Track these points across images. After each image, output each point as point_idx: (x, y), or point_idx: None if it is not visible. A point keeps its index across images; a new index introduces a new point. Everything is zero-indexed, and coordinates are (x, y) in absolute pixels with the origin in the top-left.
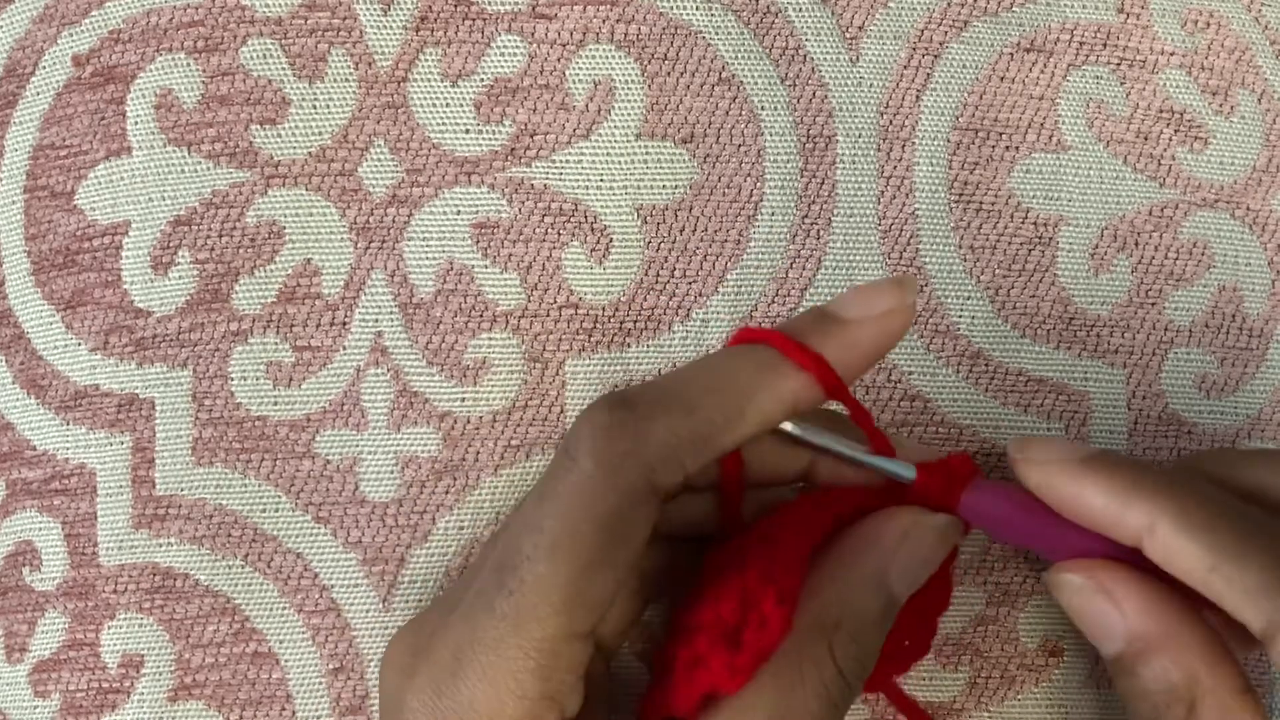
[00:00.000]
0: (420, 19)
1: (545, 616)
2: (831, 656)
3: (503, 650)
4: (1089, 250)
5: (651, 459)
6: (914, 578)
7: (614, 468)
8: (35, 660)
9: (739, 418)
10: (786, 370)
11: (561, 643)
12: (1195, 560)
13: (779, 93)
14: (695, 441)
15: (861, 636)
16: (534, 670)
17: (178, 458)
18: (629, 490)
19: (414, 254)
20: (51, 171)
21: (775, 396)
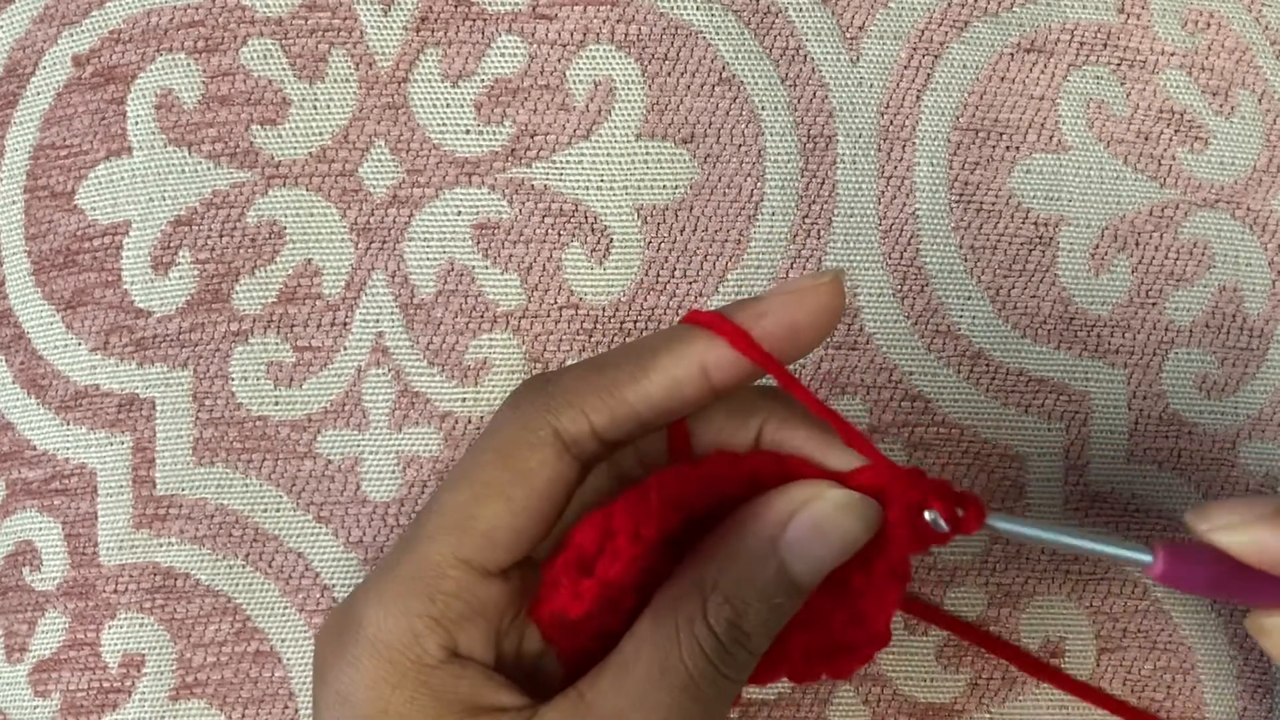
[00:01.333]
0: (421, 19)
1: (434, 535)
2: (704, 615)
3: (396, 569)
4: (1089, 250)
5: (554, 404)
6: (816, 558)
7: (520, 412)
8: (35, 660)
9: (642, 372)
10: (693, 331)
11: (450, 566)
12: None
13: (779, 93)
14: (598, 391)
15: (737, 601)
16: (421, 589)
17: (178, 457)
18: (529, 430)
19: (415, 254)
20: (52, 171)
21: (679, 354)
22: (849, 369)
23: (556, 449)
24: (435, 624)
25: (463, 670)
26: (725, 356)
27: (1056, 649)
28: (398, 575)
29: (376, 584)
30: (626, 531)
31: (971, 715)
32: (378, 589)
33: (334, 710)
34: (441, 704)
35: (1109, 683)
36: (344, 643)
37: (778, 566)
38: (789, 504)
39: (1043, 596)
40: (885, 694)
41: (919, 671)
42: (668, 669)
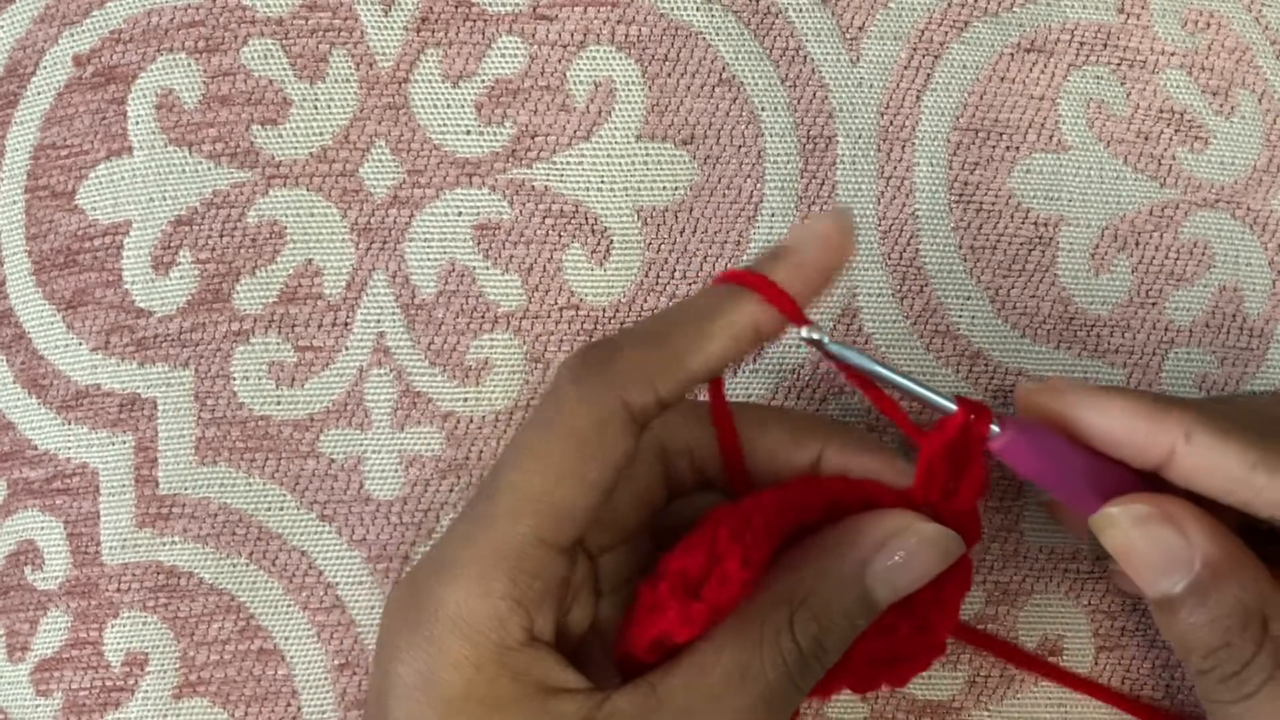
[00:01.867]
0: (421, 20)
1: (515, 517)
2: (790, 628)
3: (473, 548)
4: (1089, 250)
5: (622, 379)
6: (898, 585)
7: (588, 389)
8: (38, 659)
9: (704, 338)
10: (744, 295)
11: (530, 545)
12: (1236, 460)
13: (779, 94)
14: (664, 362)
15: (824, 619)
16: (501, 569)
17: (180, 457)
18: (601, 407)
19: (415, 255)
20: (52, 171)
21: (734, 320)
22: None
23: (627, 425)
24: (518, 606)
25: (537, 653)
26: (774, 316)
27: (1055, 647)
28: (478, 554)
29: (454, 562)
30: (735, 557)
31: (970, 713)
32: (456, 568)
33: (415, 692)
34: (519, 685)
35: (1107, 680)
36: (421, 620)
37: (863, 591)
38: (881, 532)
39: (1040, 595)
40: (884, 691)
41: None
42: (748, 674)
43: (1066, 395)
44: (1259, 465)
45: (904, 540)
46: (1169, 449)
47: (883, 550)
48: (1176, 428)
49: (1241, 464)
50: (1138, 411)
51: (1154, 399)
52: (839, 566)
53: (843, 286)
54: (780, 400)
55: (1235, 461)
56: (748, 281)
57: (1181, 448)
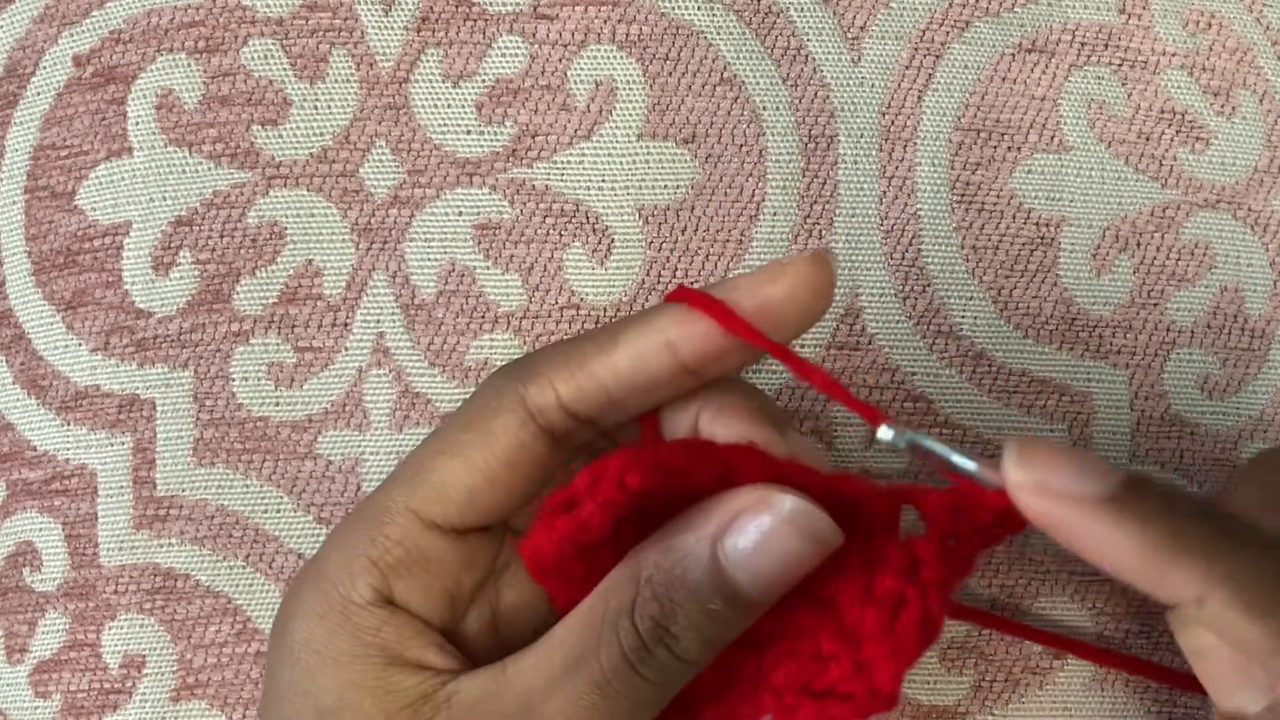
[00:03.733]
0: (421, 20)
1: (389, 485)
2: (630, 610)
3: (349, 516)
4: (1091, 251)
5: (523, 375)
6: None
7: (490, 382)
8: (36, 661)
9: (611, 345)
10: (664, 309)
11: (396, 512)
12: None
13: (781, 93)
14: (566, 364)
15: (666, 600)
16: (361, 527)
17: (179, 458)
18: (495, 396)
19: (415, 255)
20: (52, 172)
21: (645, 329)
22: (850, 370)
23: (520, 416)
24: (371, 565)
25: (390, 617)
26: (694, 332)
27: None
28: (349, 519)
29: (333, 529)
30: (612, 477)
31: (975, 717)
32: (331, 532)
33: (275, 639)
34: (359, 644)
35: (1112, 684)
36: (296, 581)
37: (714, 570)
38: (736, 504)
39: (1046, 598)
40: None
41: (922, 673)
42: (583, 659)
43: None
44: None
45: (758, 515)
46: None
47: (733, 526)
48: (1189, 589)
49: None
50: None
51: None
52: (683, 542)
53: (845, 287)
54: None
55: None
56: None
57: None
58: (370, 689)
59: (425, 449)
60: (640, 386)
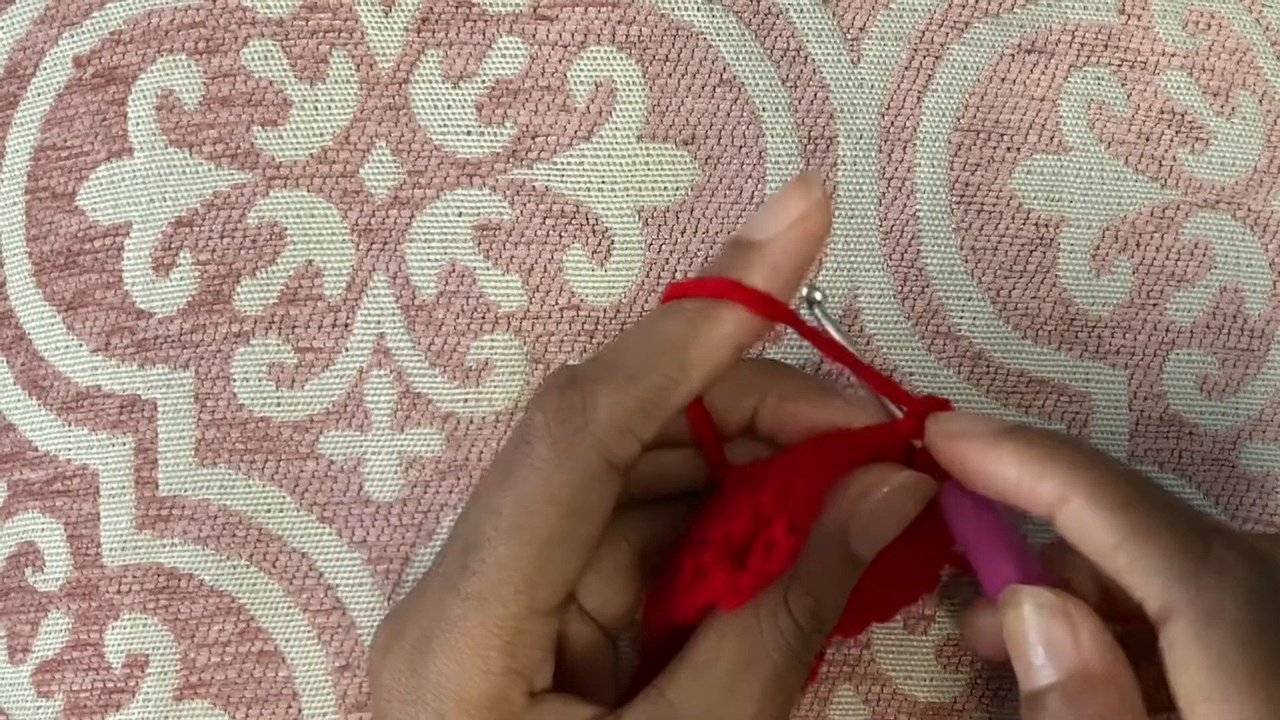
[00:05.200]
0: (421, 20)
1: (507, 596)
2: (786, 607)
3: (467, 629)
4: (1090, 251)
5: (603, 435)
6: (876, 536)
7: (566, 449)
8: (38, 661)
9: (683, 375)
10: (719, 314)
11: (525, 620)
12: (1103, 536)
13: (780, 94)
14: (644, 409)
15: (817, 589)
16: (498, 647)
17: (180, 458)
18: (583, 469)
19: (416, 256)
20: (53, 172)
21: (714, 344)
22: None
23: (611, 479)
24: (518, 676)
25: (541, 705)
26: (755, 328)
27: None
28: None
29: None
30: (782, 524)
31: (971, 715)
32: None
33: None
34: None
35: None
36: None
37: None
38: (857, 490)
39: None
40: (885, 693)
41: (919, 671)
42: (754, 662)
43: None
44: (1121, 547)
45: (877, 496)
46: (1049, 508)
47: (857, 508)
48: (1055, 488)
49: (1107, 542)
50: (1024, 463)
51: (1047, 448)
52: (822, 533)
53: (844, 287)
54: None
55: (1102, 539)
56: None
57: (1058, 511)
58: None
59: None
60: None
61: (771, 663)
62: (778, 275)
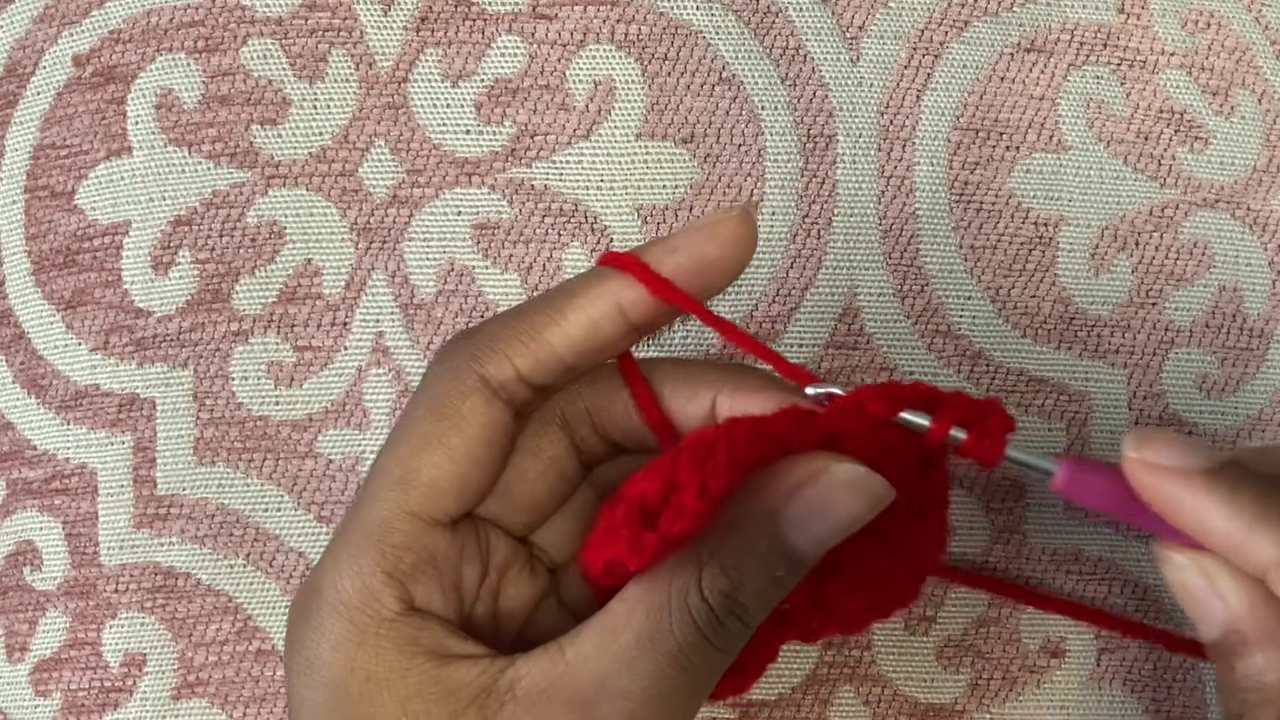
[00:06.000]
0: (420, 19)
1: (379, 493)
2: (698, 586)
3: (347, 533)
4: (1089, 250)
5: (478, 353)
6: (813, 531)
7: (446, 364)
8: (36, 659)
9: (560, 315)
10: (607, 274)
11: (396, 519)
12: None
13: (779, 93)
14: (519, 336)
15: (734, 573)
16: (368, 545)
17: (179, 457)
18: (458, 379)
19: (415, 254)
20: (52, 171)
21: (595, 295)
22: (849, 368)
23: (485, 395)
24: (389, 578)
25: (423, 622)
26: (641, 295)
27: (1057, 648)
28: (349, 537)
29: (332, 549)
30: (692, 486)
31: (972, 716)
32: (333, 554)
33: (303, 675)
34: (405, 655)
35: (1109, 683)
36: (308, 611)
37: (778, 539)
38: (794, 477)
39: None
40: (886, 694)
41: (919, 672)
42: (656, 637)
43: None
44: None
45: (820, 484)
46: (1262, 570)
47: (796, 497)
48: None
49: None
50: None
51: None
52: (747, 515)
53: (844, 285)
54: None
55: None
56: (614, 260)
57: (1273, 574)
58: (432, 695)
59: (402, 446)
60: (593, 350)
61: (675, 641)
62: (672, 255)
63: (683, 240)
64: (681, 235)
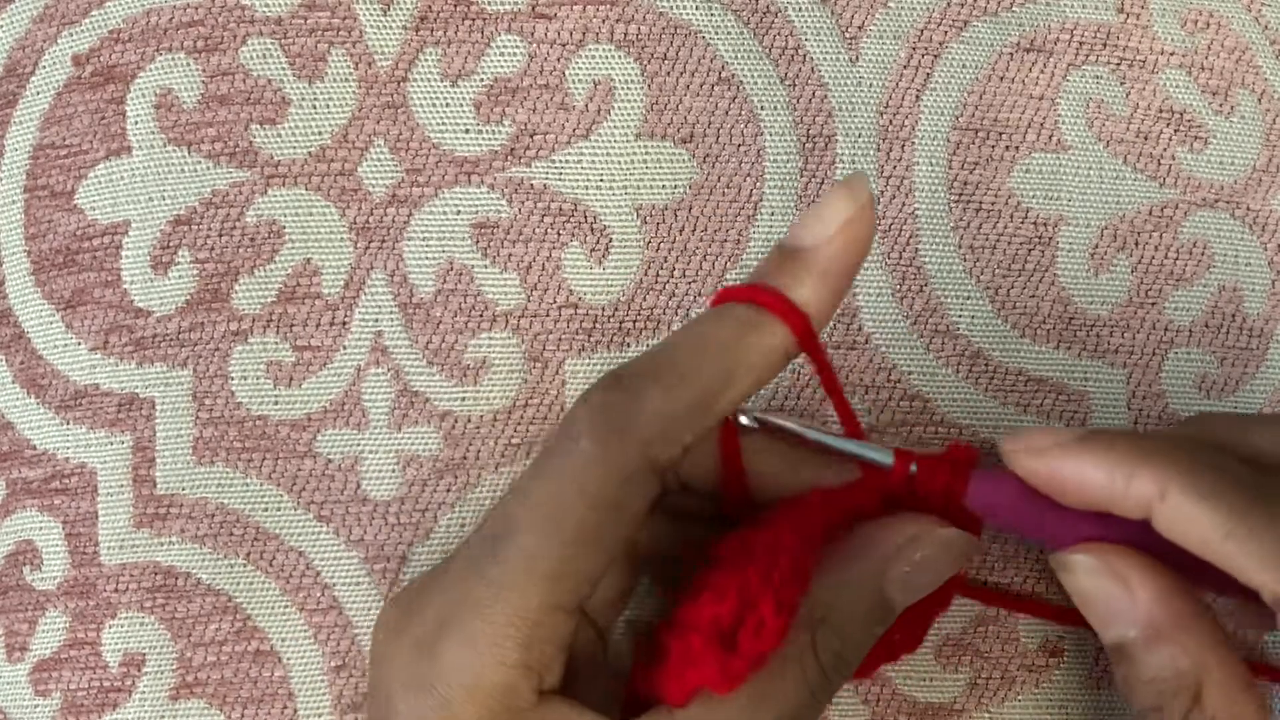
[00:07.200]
0: (420, 19)
1: (531, 587)
2: (813, 649)
3: (487, 615)
4: (1089, 250)
5: (647, 435)
6: (915, 588)
7: (609, 445)
8: (36, 659)
9: (730, 381)
10: (769, 324)
11: (545, 614)
12: (1209, 528)
13: (779, 92)
14: (690, 412)
15: (845, 633)
16: (516, 639)
17: (178, 457)
18: (624, 467)
19: (414, 254)
20: (51, 171)
21: (764, 351)
22: (847, 369)
23: (650, 481)
24: (529, 671)
25: (549, 706)
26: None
27: (1056, 648)
28: (489, 623)
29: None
30: (769, 603)
31: (971, 715)
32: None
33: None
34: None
35: (1108, 683)
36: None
37: (881, 599)
38: (899, 538)
39: (1040, 598)
40: (884, 693)
41: (918, 671)
42: (771, 697)
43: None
44: (1231, 536)
45: (921, 546)
46: (1146, 506)
47: (899, 556)
48: (1152, 485)
49: (1214, 531)
50: (1113, 464)
51: (1133, 449)
52: (857, 578)
53: None
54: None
55: (1207, 527)
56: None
57: (1157, 506)
58: None
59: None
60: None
61: (789, 701)
62: (825, 282)
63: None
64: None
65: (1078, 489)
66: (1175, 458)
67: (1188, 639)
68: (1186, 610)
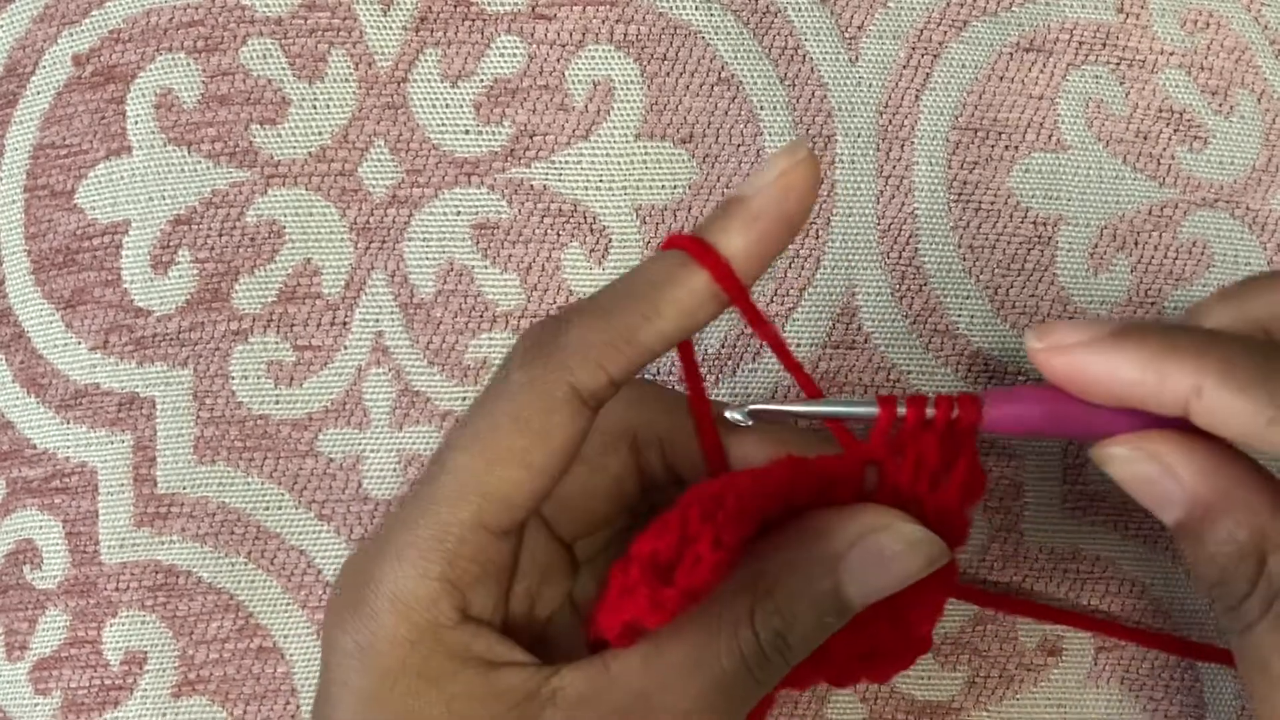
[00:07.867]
0: (420, 19)
1: (460, 502)
2: (750, 620)
3: (415, 529)
4: (1088, 250)
5: (570, 360)
6: (872, 585)
7: (534, 372)
8: (36, 658)
9: (654, 314)
10: (693, 268)
11: (471, 530)
12: (1250, 416)
13: (778, 92)
14: (613, 342)
15: (788, 613)
16: (440, 551)
17: (179, 456)
18: (548, 393)
19: (414, 254)
20: (52, 171)
21: (688, 291)
22: (847, 368)
23: (574, 407)
24: (452, 588)
25: (476, 630)
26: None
27: (1054, 647)
28: (416, 535)
29: (394, 542)
30: (707, 538)
31: (969, 714)
32: (396, 548)
33: (352, 659)
34: (457, 660)
35: (1106, 681)
36: (363, 597)
37: (834, 586)
38: (858, 527)
39: (1040, 596)
40: (883, 692)
41: (917, 669)
42: (702, 662)
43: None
44: (1275, 420)
45: (882, 539)
46: (1182, 403)
47: (858, 547)
48: (1187, 381)
49: (1255, 421)
50: (1145, 361)
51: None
52: (808, 559)
53: (842, 285)
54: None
55: (1250, 419)
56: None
57: (1193, 403)
58: (478, 697)
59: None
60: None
61: (720, 668)
62: (753, 228)
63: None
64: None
65: (1111, 390)
66: (1208, 348)
67: (1241, 510)
68: (1234, 480)
